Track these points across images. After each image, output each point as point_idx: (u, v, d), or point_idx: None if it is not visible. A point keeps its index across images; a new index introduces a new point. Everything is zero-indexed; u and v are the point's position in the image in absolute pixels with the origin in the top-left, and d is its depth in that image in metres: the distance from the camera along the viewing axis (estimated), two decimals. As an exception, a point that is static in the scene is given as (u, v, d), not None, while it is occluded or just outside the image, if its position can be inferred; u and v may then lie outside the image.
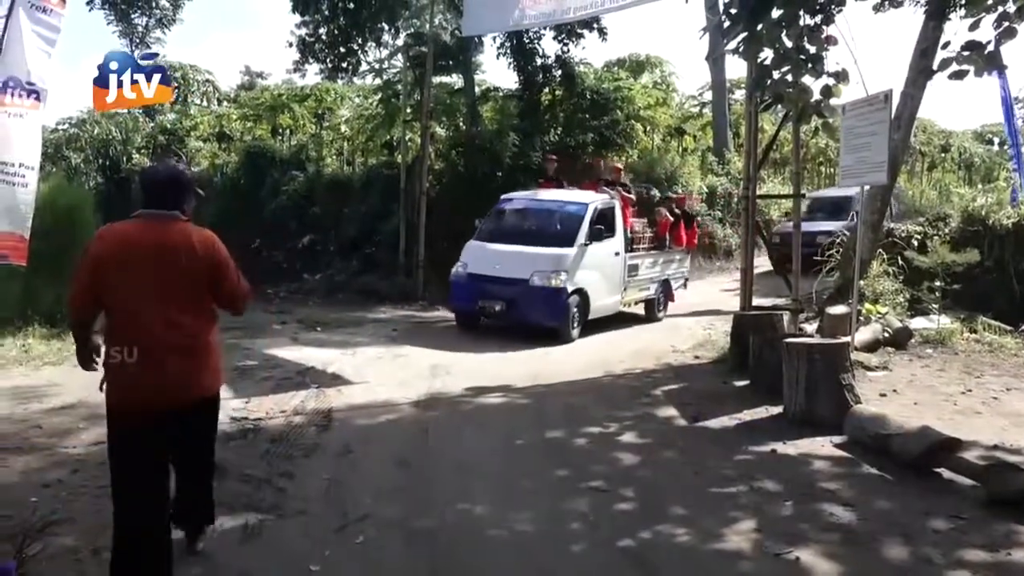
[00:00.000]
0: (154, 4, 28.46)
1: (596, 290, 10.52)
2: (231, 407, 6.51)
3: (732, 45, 6.89)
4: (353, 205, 16.04)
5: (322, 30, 16.73)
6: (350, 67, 17.23)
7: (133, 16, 28.52)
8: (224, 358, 3.78)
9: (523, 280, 9.93)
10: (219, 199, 17.63)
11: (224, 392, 7.02)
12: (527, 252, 10.24)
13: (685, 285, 13.31)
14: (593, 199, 10.99)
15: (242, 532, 4.13)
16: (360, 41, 16.72)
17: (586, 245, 10.33)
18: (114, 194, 21.50)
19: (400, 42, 17.08)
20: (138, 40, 28.49)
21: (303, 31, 16.86)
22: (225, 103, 25.79)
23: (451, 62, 17.16)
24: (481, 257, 10.52)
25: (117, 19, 28.34)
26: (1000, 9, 5.80)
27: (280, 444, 5.59)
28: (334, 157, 19.24)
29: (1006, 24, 5.74)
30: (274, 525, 4.23)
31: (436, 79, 16.46)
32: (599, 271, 10.61)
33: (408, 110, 16.11)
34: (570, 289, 10.00)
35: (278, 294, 14.26)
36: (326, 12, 16.29)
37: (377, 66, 18.21)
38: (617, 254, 11.04)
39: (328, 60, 16.94)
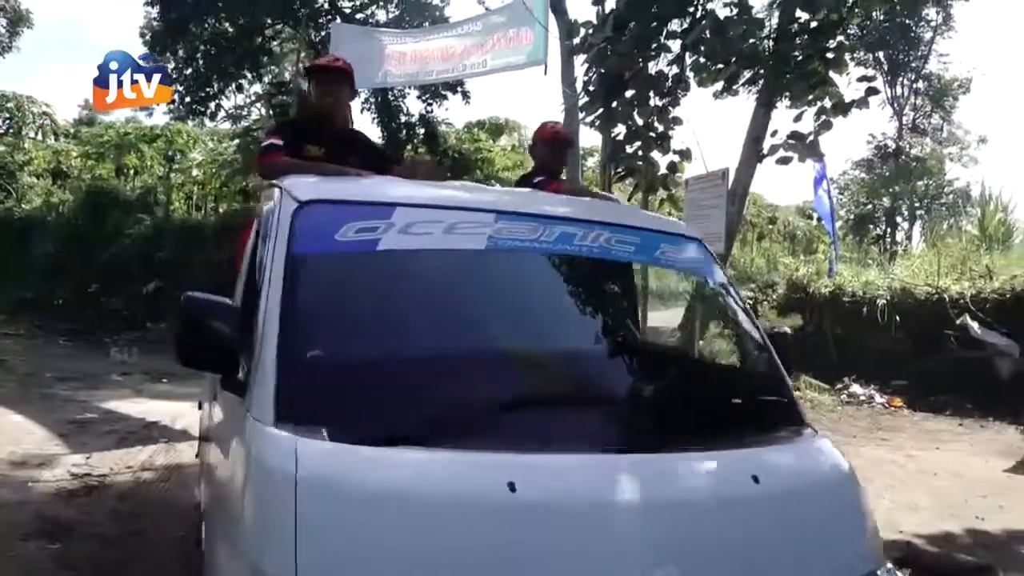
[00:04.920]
0: (-13, 30, 26.54)
1: None
2: (71, 463, 6.11)
3: (589, 119, 7.42)
4: (207, 252, 15.43)
5: (175, 74, 16.26)
6: (207, 112, 16.81)
7: (-37, 41, 26.45)
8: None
9: None
10: (53, 239, 16.52)
11: (61, 448, 6.64)
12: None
13: None
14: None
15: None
16: (219, 86, 16.39)
17: None
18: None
19: (260, 89, 16.88)
20: (-34, 66, 26.40)
21: (157, 71, 16.32)
22: (63, 138, 24.25)
23: (314, 113, 17.10)
24: None
25: (-56, 42, 26.19)
26: (819, 104, 6.63)
27: (128, 501, 5.31)
28: (183, 201, 18.51)
29: (824, 118, 6.57)
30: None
31: (298, 129, 16.32)
32: None
33: (268, 158, 15.83)
34: None
35: (116, 343, 13.40)
36: (182, 55, 15.87)
37: (235, 112, 17.86)
38: None
39: (183, 104, 16.45)
